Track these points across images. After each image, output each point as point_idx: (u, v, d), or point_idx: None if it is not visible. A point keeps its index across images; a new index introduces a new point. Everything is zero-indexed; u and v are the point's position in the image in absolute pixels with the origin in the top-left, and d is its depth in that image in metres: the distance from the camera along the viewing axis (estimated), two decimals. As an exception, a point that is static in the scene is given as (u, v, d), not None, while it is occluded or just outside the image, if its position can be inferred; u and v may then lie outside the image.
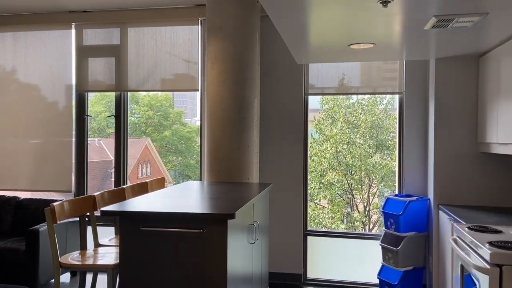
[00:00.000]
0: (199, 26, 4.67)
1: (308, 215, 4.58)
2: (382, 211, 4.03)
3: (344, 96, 9.11)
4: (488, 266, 2.08)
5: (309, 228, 4.56)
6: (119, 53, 4.89)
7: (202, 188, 3.48)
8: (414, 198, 3.88)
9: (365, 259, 4.51)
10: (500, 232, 2.55)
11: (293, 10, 2.40)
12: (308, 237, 4.52)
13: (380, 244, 4.02)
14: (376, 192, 9.59)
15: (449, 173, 3.73)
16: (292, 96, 4.42)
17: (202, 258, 2.27)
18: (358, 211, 9.56)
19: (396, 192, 4.32)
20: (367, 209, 9.50)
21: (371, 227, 9.45)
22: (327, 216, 9.36)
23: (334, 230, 8.22)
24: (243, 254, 2.71)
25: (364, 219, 9.46)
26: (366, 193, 9.49)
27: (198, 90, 4.74)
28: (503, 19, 2.53)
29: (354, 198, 9.63)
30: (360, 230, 9.38)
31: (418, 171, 4.14)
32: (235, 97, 3.92)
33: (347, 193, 9.63)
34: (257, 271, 3.24)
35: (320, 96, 8.74)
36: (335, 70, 4.47)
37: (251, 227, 2.93)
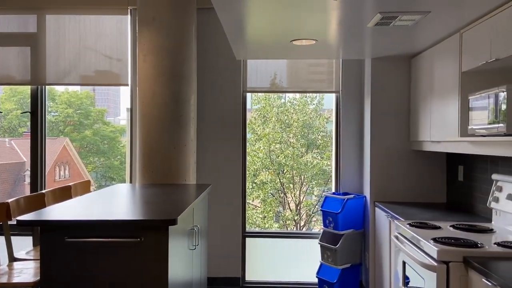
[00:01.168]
0: (129, 15, 4.33)
1: (246, 216, 4.45)
2: (321, 210, 4.02)
3: (275, 96, 9.16)
4: (435, 264, 2.10)
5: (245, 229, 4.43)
6: (36, 42, 4.38)
7: (135, 192, 3.19)
8: (352, 195, 3.92)
9: (304, 259, 4.48)
10: (439, 228, 2.61)
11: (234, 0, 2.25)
12: (247, 238, 4.39)
13: (319, 243, 4.01)
14: (306, 191, 9.78)
15: (384, 171, 3.82)
16: (230, 94, 4.26)
17: (139, 270, 2.03)
18: (290, 210, 9.67)
19: (333, 190, 4.35)
20: (299, 207, 9.65)
21: (302, 224, 9.61)
22: (260, 216, 9.35)
23: (274, 231, 8.22)
24: (183, 262, 2.50)
25: (296, 218, 9.59)
26: (298, 192, 9.64)
27: (127, 85, 4.39)
28: (441, 19, 2.60)
29: (286, 197, 9.73)
30: (292, 228, 9.50)
31: (354, 169, 4.20)
32: (170, 92, 3.67)
33: (280, 192, 9.70)
34: (196, 279, 3.03)
35: (252, 96, 8.71)
36: (273, 68, 4.40)
37: (191, 232, 2.72)
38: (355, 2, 2.27)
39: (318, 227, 9.43)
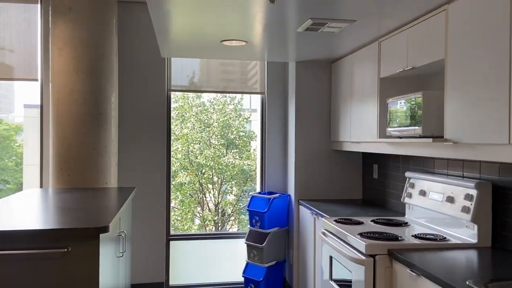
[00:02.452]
0: (39, 4, 3.96)
1: (174, 216, 4.33)
2: (248, 210, 4.06)
3: (194, 95, 9.05)
4: (363, 257, 2.23)
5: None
6: None
7: (52, 198, 2.93)
8: (277, 194, 4.02)
9: (230, 259, 4.49)
10: (362, 223, 2.79)
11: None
12: (171, 242, 4.27)
13: (246, 242, 4.05)
14: (225, 190, 9.81)
15: (307, 170, 3.97)
16: (154, 92, 4.11)
17: (67, 283, 1.86)
18: (210, 210, 9.63)
19: (258, 190, 4.42)
20: (218, 207, 9.64)
21: (220, 224, 9.61)
22: (179, 218, 9.16)
23: (198, 233, 8.09)
24: (111, 271, 2.35)
25: (215, 218, 9.57)
26: (217, 192, 9.62)
27: (37, 80, 4.01)
28: (363, 28, 2.77)
29: (205, 197, 9.66)
30: (211, 229, 9.45)
31: (279, 168, 4.31)
32: (89, 89, 3.43)
33: (198, 192, 9.60)
34: (122, 286, 2.88)
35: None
36: (199, 67, 4.34)
37: (118, 238, 2.57)
38: (290, 6, 2.33)
39: (236, 227, 9.52)
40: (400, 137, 2.62)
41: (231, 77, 4.47)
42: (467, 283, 1.66)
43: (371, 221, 2.85)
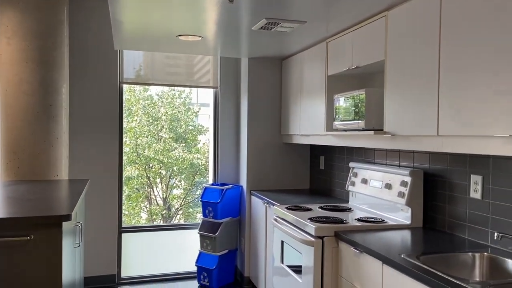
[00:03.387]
0: (-18, -10, 3.78)
1: (125, 210, 4.33)
2: (201, 200, 4.17)
3: (141, 88, 8.94)
4: (313, 239, 2.45)
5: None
6: None
7: (4, 189, 2.86)
8: (230, 186, 4.17)
9: (182, 250, 4.58)
10: (311, 209, 3.02)
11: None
12: (123, 234, 4.28)
13: (199, 232, 4.16)
14: (173, 184, 9.79)
15: (259, 162, 4.16)
16: (106, 84, 4.08)
17: (29, 271, 1.89)
18: (158, 204, 9.57)
19: (211, 182, 4.54)
20: (167, 201, 9.61)
21: (169, 218, 9.58)
22: (126, 213, 9.01)
23: (151, 224, 8.03)
24: (70, 261, 2.38)
25: (163, 212, 9.53)
26: (165, 186, 9.58)
27: (-20, 69, 3.83)
28: (312, 29, 2.98)
29: (153, 191, 9.58)
30: (159, 222, 9.41)
31: (231, 160, 4.46)
32: (39, 80, 3.36)
33: (146, 186, 9.51)
34: (77, 278, 2.89)
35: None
36: (151, 59, 4.36)
37: (75, 229, 2.59)
38: (247, 6, 2.47)
39: (183, 221, 9.54)
40: (345, 130, 2.86)
41: (178, 71, 4.51)
42: (402, 256, 1.91)
43: (319, 207, 3.09)
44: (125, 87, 4.26)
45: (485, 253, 1.98)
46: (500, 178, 2.07)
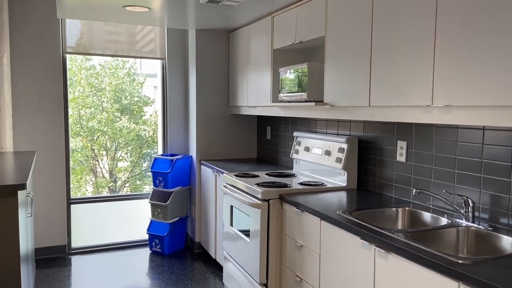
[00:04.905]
0: None
1: (71, 183, 4.32)
2: (151, 171, 4.26)
3: (83, 57, 8.61)
4: (260, 202, 2.66)
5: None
6: None
7: None
8: (180, 156, 4.28)
9: (133, 219, 4.66)
10: (258, 176, 3.23)
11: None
12: (72, 205, 4.28)
13: (150, 202, 4.26)
14: (120, 157, 9.66)
15: (208, 133, 4.29)
16: (48, 54, 3.97)
17: (-14, 239, 1.94)
18: (104, 177, 9.44)
19: (161, 152, 4.62)
20: (113, 174, 9.49)
21: (115, 190, 9.50)
22: (71, 186, 8.81)
23: (100, 196, 7.92)
24: (24, 231, 2.43)
25: (110, 185, 9.42)
26: (112, 158, 9.44)
27: None
28: (258, 3, 3.10)
29: (99, 164, 9.41)
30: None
31: (181, 131, 4.55)
32: (-23, 49, 3.23)
33: (91, 159, 9.31)
34: (30, 249, 2.93)
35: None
36: (92, 28, 4.26)
37: (26, 200, 2.62)
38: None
39: (130, 191, 9.50)
40: (290, 102, 3.06)
41: (121, 39, 4.44)
42: (337, 212, 2.17)
43: (266, 174, 3.31)
44: (68, 56, 4.14)
45: (407, 208, 2.29)
46: (421, 143, 2.38)
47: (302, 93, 2.85)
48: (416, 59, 1.93)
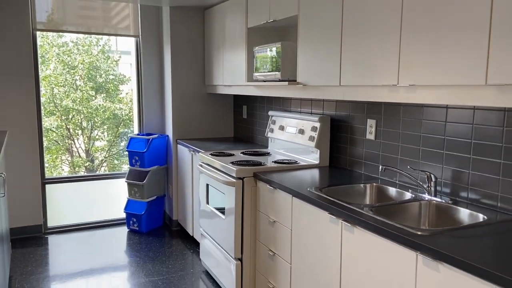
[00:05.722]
0: None
1: (45, 162, 4.27)
2: (127, 150, 4.25)
3: (55, 34, 8.36)
4: (234, 180, 2.72)
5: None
6: None
7: None
8: (156, 135, 4.28)
9: (109, 199, 4.67)
10: (233, 155, 3.28)
11: None
12: (47, 185, 4.25)
13: (126, 181, 4.27)
14: (96, 136, 9.54)
15: (184, 112, 4.29)
16: (17, 31, 3.85)
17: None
18: (80, 156, 9.32)
19: (137, 132, 4.60)
20: (89, 153, 9.38)
21: (92, 170, 9.42)
22: (46, 165, 8.68)
23: (75, 175, 7.83)
24: (-3, 210, 2.42)
25: (87, 164, 9.32)
26: (87, 138, 9.31)
27: None
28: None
29: (74, 144, 9.28)
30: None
31: (156, 110, 4.53)
32: None
33: (66, 138, 9.16)
34: (4, 228, 2.92)
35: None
36: (70, 5, 4.15)
37: (-2, 180, 2.61)
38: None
39: (108, 171, 9.44)
40: (264, 81, 3.09)
41: (94, 14, 4.34)
42: (308, 189, 2.25)
43: (241, 153, 3.36)
44: (38, 33, 4.03)
45: (374, 184, 2.39)
46: (389, 121, 2.46)
47: (276, 73, 2.88)
48: (384, 40, 1.98)
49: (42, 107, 4.18)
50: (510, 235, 1.58)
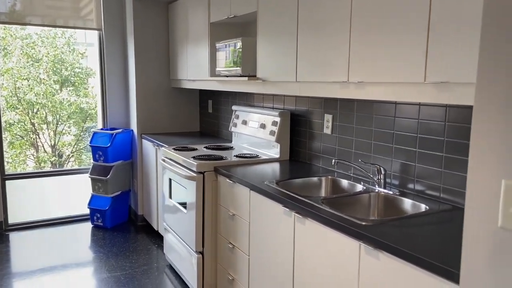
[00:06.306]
0: None
1: (4, 158, 4.17)
2: (90, 145, 4.20)
3: (18, 26, 8.09)
4: (195, 174, 2.74)
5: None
6: None
7: None
8: (120, 130, 4.24)
9: (73, 194, 4.60)
10: (196, 149, 3.30)
11: None
12: (7, 181, 4.15)
13: (90, 176, 4.22)
14: (62, 130, 9.31)
15: (149, 106, 4.26)
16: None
17: None
18: (45, 152, 9.09)
19: (101, 126, 4.54)
20: (55, 148, 9.17)
21: (58, 165, 9.21)
22: (10, 161, 8.42)
23: (38, 171, 7.63)
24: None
25: (52, 159, 9.11)
26: (53, 132, 9.08)
27: None
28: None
29: (39, 138, 9.04)
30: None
31: (120, 105, 4.48)
32: None
33: (31, 133, 8.92)
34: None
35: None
36: (26, -3, 4.04)
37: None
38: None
39: (77, 166, 9.26)
40: (227, 76, 3.12)
41: (59, 5, 4.25)
42: (265, 182, 2.30)
43: (204, 147, 3.38)
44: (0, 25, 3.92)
45: (329, 176, 2.47)
46: (344, 116, 2.54)
47: (237, 68, 2.91)
48: (336, 39, 2.04)
49: (3, 101, 4.06)
50: (447, 224, 1.68)
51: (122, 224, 4.35)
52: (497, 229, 1.05)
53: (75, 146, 9.33)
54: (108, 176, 4.14)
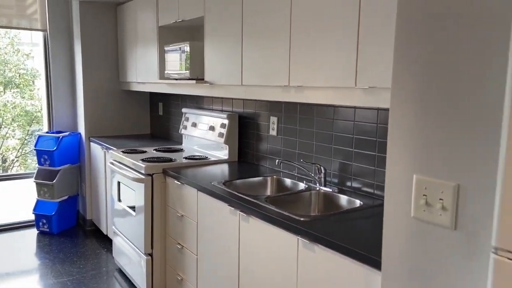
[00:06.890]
0: None
1: None
2: (35, 149, 4.07)
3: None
4: (143, 177, 2.75)
5: None
6: None
7: None
8: (67, 133, 4.14)
9: (18, 200, 4.43)
10: (145, 152, 3.30)
11: None
12: None
13: (35, 181, 4.09)
14: (6, 134, 8.88)
15: (97, 109, 4.19)
16: None
17: None
18: (-13, 157, 8.62)
19: (46, 130, 4.41)
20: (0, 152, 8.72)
21: (2, 170, 8.77)
22: None
23: None
24: None
25: (-4, 164, 8.65)
26: (-5, 136, 8.63)
27: None
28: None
29: (-20, 143, 8.55)
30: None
31: (67, 107, 4.37)
32: None
33: (-30, 137, 8.42)
34: None
35: None
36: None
37: None
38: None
39: (24, 171, 8.86)
40: (176, 79, 3.15)
41: (1, 3, 4.09)
42: (212, 183, 2.37)
43: (154, 150, 3.39)
44: None
45: (274, 176, 2.57)
46: (288, 118, 2.65)
47: (186, 71, 2.95)
48: (277, 44, 2.14)
49: None
50: (378, 218, 1.82)
51: (70, 230, 4.25)
52: (411, 219, 1.17)
53: (20, 150, 8.92)
54: (54, 181, 4.03)
